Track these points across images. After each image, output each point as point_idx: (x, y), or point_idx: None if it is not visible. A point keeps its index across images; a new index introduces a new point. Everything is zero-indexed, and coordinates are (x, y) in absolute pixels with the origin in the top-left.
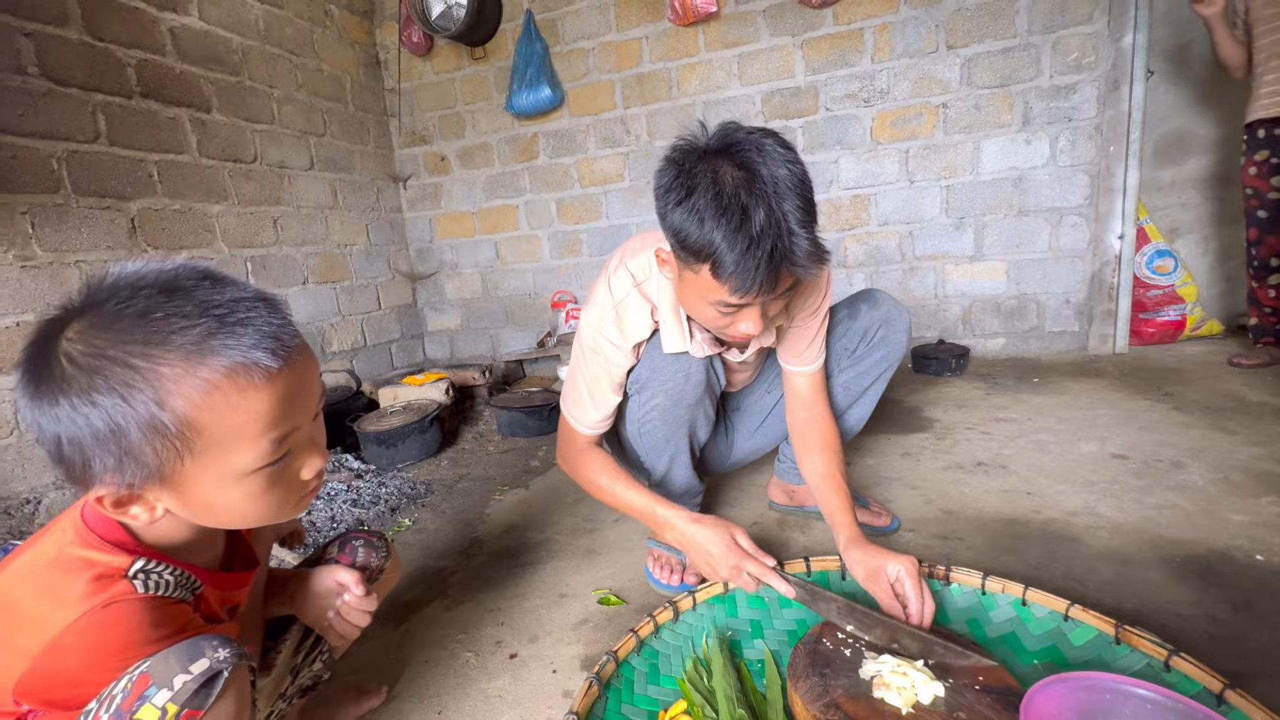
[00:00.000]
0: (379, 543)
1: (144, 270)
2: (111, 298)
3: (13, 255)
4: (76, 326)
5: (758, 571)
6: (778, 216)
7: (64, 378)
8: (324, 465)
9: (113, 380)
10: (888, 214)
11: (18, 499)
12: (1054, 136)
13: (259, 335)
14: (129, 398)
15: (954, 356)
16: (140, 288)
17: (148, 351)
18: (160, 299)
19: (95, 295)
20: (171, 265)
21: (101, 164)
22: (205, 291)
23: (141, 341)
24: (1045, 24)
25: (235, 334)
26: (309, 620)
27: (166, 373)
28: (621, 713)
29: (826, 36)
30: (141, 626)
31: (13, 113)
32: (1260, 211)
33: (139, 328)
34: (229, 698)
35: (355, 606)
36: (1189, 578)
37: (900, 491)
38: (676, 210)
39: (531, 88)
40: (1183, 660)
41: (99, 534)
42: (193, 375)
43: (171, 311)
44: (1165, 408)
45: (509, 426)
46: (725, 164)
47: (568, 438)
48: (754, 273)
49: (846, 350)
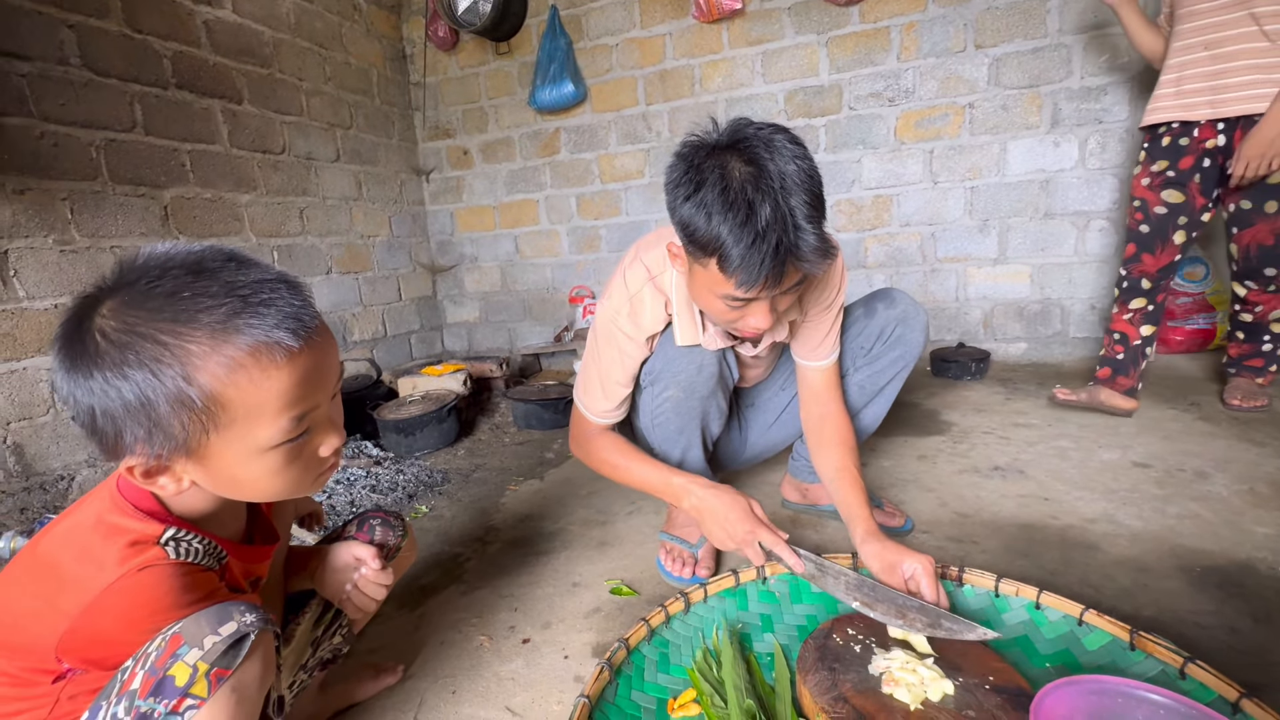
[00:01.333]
0: (396, 522)
1: (173, 251)
2: (142, 277)
3: (52, 240)
4: (110, 304)
5: (770, 542)
6: (784, 211)
7: (98, 352)
8: (341, 443)
9: (143, 356)
10: (910, 215)
11: (53, 475)
12: (1083, 139)
13: (281, 316)
14: (158, 373)
15: (974, 360)
16: (169, 268)
17: (176, 329)
18: (188, 279)
19: (127, 275)
20: (199, 247)
21: (138, 153)
22: (230, 273)
23: (170, 319)
24: (1077, 24)
25: (259, 314)
26: (328, 594)
27: (194, 349)
28: (631, 699)
29: (852, 35)
30: (173, 591)
31: (56, 102)
32: (1143, 226)
33: (168, 306)
34: (255, 659)
35: (372, 580)
36: (1209, 588)
37: (915, 493)
38: (685, 204)
39: (555, 83)
40: (1198, 668)
41: (133, 503)
42: (218, 352)
43: (199, 291)
44: (1191, 417)
45: (525, 419)
46: (733, 159)
47: (579, 425)
48: (759, 267)
49: (862, 349)
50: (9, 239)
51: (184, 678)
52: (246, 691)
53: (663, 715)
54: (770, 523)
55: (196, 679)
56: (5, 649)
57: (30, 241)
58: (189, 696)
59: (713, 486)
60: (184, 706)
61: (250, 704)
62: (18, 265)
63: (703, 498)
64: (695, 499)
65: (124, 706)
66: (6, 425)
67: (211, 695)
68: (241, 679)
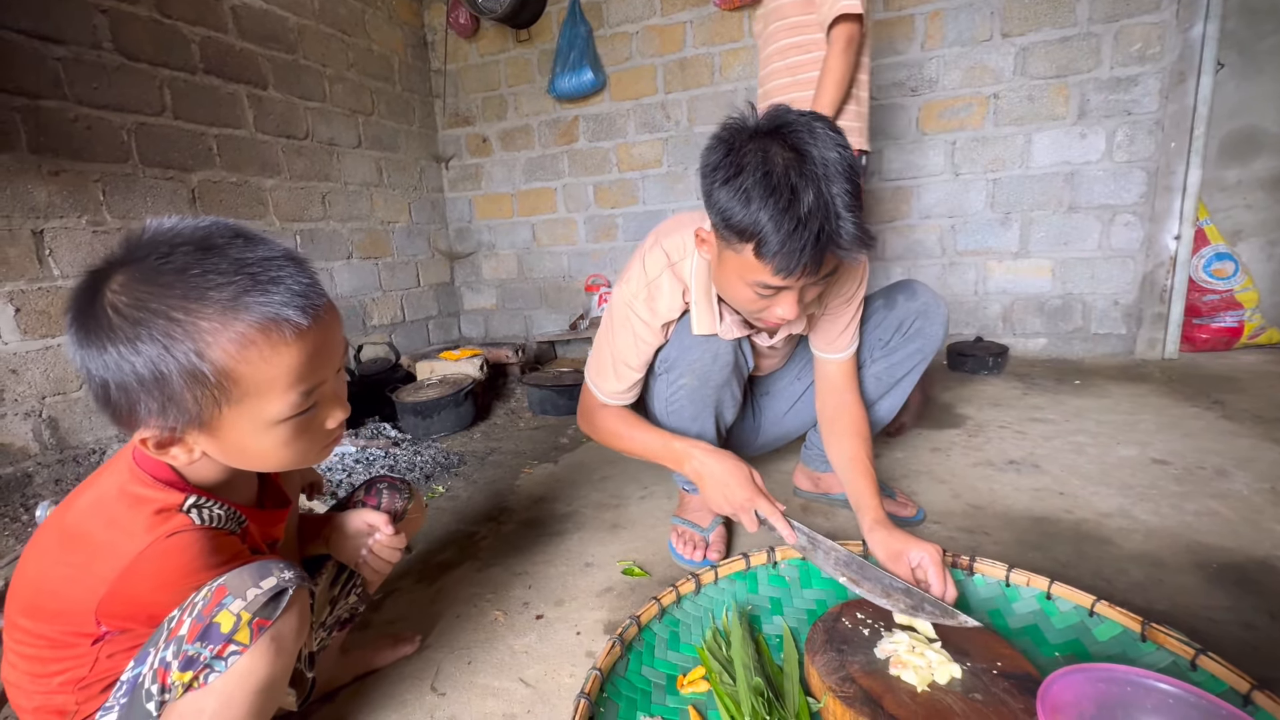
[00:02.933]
0: (402, 485)
1: (180, 226)
2: (151, 253)
3: (85, 220)
4: (120, 279)
5: (767, 511)
6: (826, 199)
7: (110, 327)
8: (345, 416)
9: (155, 331)
10: (930, 207)
11: (85, 448)
12: (1111, 131)
13: (289, 294)
14: (171, 348)
15: (992, 355)
16: (177, 244)
17: (187, 305)
18: (197, 255)
19: (136, 250)
20: (205, 222)
21: (167, 136)
22: (239, 249)
23: (181, 296)
24: (1108, 13)
25: (268, 291)
26: (344, 558)
27: (205, 326)
28: (642, 674)
29: (877, 23)
30: (202, 554)
31: (89, 85)
32: None
33: (179, 283)
34: (293, 613)
35: (385, 544)
36: (1225, 584)
37: (928, 485)
38: (723, 189)
39: (574, 71)
40: (1210, 659)
41: (151, 474)
42: (229, 329)
43: (209, 269)
44: (1214, 415)
45: (540, 404)
46: (775, 145)
47: (587, 400)
48: (799, 254)
49: (880, 341)
50: (44, 219)
51: (228, 625)
52: (284, 642)
53: (672, 690)
54: (768, 492)
55: (240, 627)
56: (43, 614)
57: (65, 222)
58: (233, 642)
59: (714, 451)
60: (228, 652)
61: (287, 654)
62: (52, 244)
63: (704, 461)
64: (696, 462)
65: (172, 650)
66: (42, 400)
67: (253, 642)
68: (280, 630)
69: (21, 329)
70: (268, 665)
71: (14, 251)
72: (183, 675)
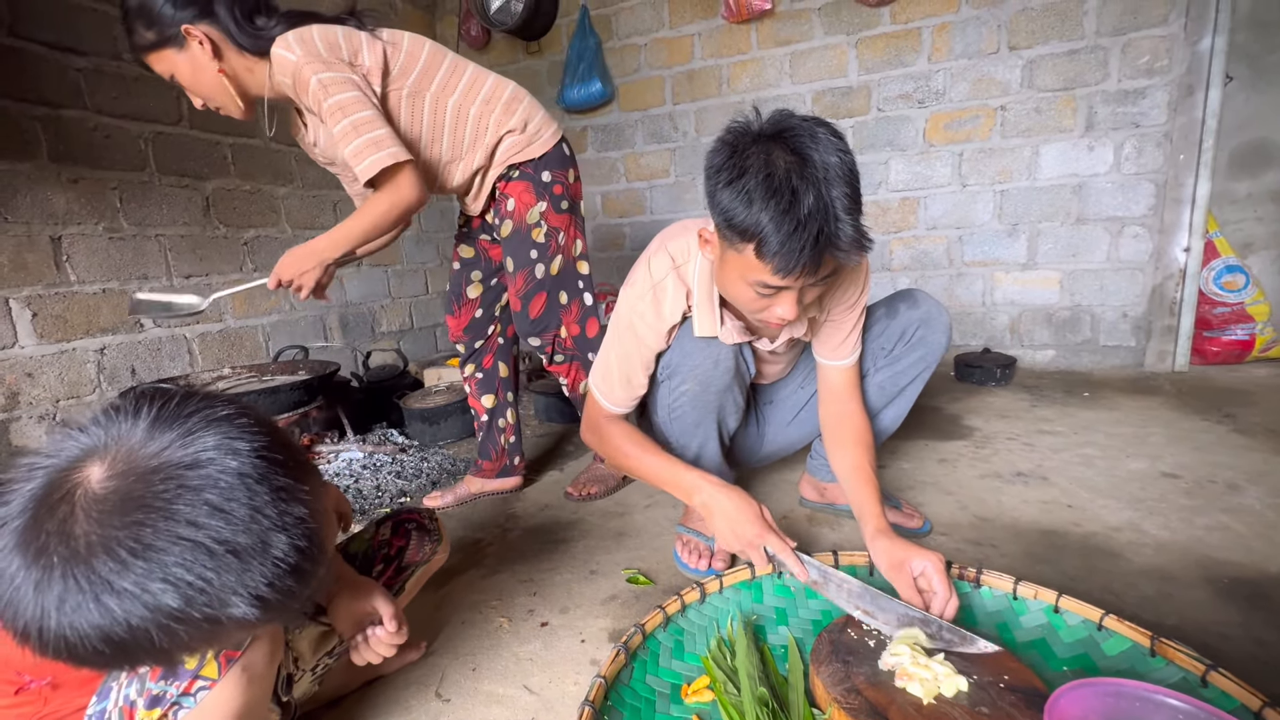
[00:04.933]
0: (431, 525)
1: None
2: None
3: (102, 227)
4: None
5: (776, 548)
6: (826, 201)
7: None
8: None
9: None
10: (937, 218)
11: None
12: (1119, 143)
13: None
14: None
15: (999, 366)
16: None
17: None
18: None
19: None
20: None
21: (183, 145)
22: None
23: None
24: (1115, 26)
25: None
26: (339, 626)
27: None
28: (646, 682)
29: (882, 36)
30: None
31: (108, 95)
32: (448, 284)
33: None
34: (263, 639)
35: (384, 640)
36: (1236, 600)
37: (934, 496)
38: (726, 190)
39: (583, 82)
40: (1221, 676)
41: None
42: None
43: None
44: (1225, 429)
45: (545, 411)
46: (778, 148)
47: (593, 411)
48: (798, 254)
49: (883, 349)
50: (63, 225)
51: (193, 661)
52: (256, 670)
53: (677, 700)
54: (778, 529)
55: (206, 662)
56: None
57: (82, 228)
58: (199, 678)
59: (724, 486)
60: (195, 688)
61: (261, 681)
62: (70, 250)
63: (712, 496)
64: (705, 496)
65: (135, 688)
66: (56, 403)
67: (222, 676)
68: (251, 658)
69: (38, 333)
70: (240, 695)
71: (32, 257)
72: (150, 713)
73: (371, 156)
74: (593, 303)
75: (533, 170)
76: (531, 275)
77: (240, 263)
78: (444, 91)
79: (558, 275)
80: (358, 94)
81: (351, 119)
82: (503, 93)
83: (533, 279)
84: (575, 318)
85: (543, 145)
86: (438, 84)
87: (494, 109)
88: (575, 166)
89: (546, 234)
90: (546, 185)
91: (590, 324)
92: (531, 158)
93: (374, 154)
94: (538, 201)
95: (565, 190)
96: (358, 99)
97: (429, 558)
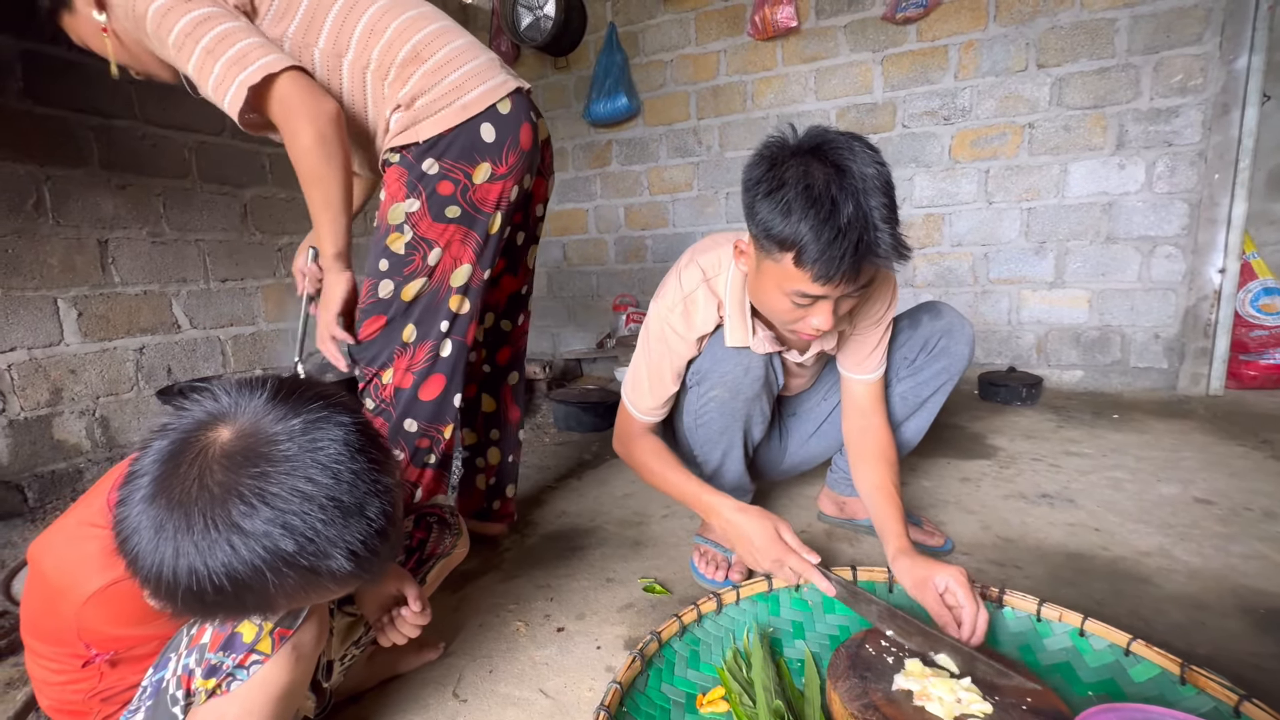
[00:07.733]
0: (453, 520)
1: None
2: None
3: (146, 232)
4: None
5: (799, 567)
6: (864, 210)
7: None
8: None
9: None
10: (962, 235)
11: (133, 447)
12: (1151, 162)
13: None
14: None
15: (1025, 385)
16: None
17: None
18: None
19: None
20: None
21: (224, 154)
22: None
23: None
24: (1148, 44)
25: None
26: (364, 611)
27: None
28: (661, 690)
29: (909, 53)
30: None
31: (158, 107)
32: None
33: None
34: (312, 623)
35: (410, 620)
36: (1273, 630)
37: (956, 515)
38: (765, 201)
39: (609, 97)
40: (1255, 706)
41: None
42: None
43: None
44: (1262, 455)
45: (565, 420)
46: (815, 161)
47: (624, 423)
48: (839, 261)
49: (906, 360)
50: (109, 229)
51: (250, 635)
52: (304, 650)
53: (691, 709)
54: (800, 546)
55: (262, 636)
56: (41, 636)
57: (127, 232)
58: (255, 652)
59: (742, 508)
60: (250, 661)
61: (306, 662)
62: (115, 254)
63: (731, 519)
64: (723, 519)
65: (195, 658)
66: (96, 399)
67: (274, 651)
68: (300, 639)
69: (82, 331)
70: (288, 673)
71: (80, 259)
72: (206, 682)
73: (238, 78)
74: (453, 357)
75: (413, 157)
76: (374, 290)
77: (274, 268)
78: (335, 47)
79: (410, 303)
80: (208, 9)
81: (203, 43)
82: (399, 50)
83: (374, 295)
84: (413, 366)
85: (436, 124)
86: (326, 37)
87: (386, 75)
88: (516, 156)
89: (409, 245)
90: (427, 178)
91: (433, 383)
92: (414, 140)
93: (240, 73)
94: (407, 197)
95: (463, 190)
96: (208, 15)
97: (449, 551)
